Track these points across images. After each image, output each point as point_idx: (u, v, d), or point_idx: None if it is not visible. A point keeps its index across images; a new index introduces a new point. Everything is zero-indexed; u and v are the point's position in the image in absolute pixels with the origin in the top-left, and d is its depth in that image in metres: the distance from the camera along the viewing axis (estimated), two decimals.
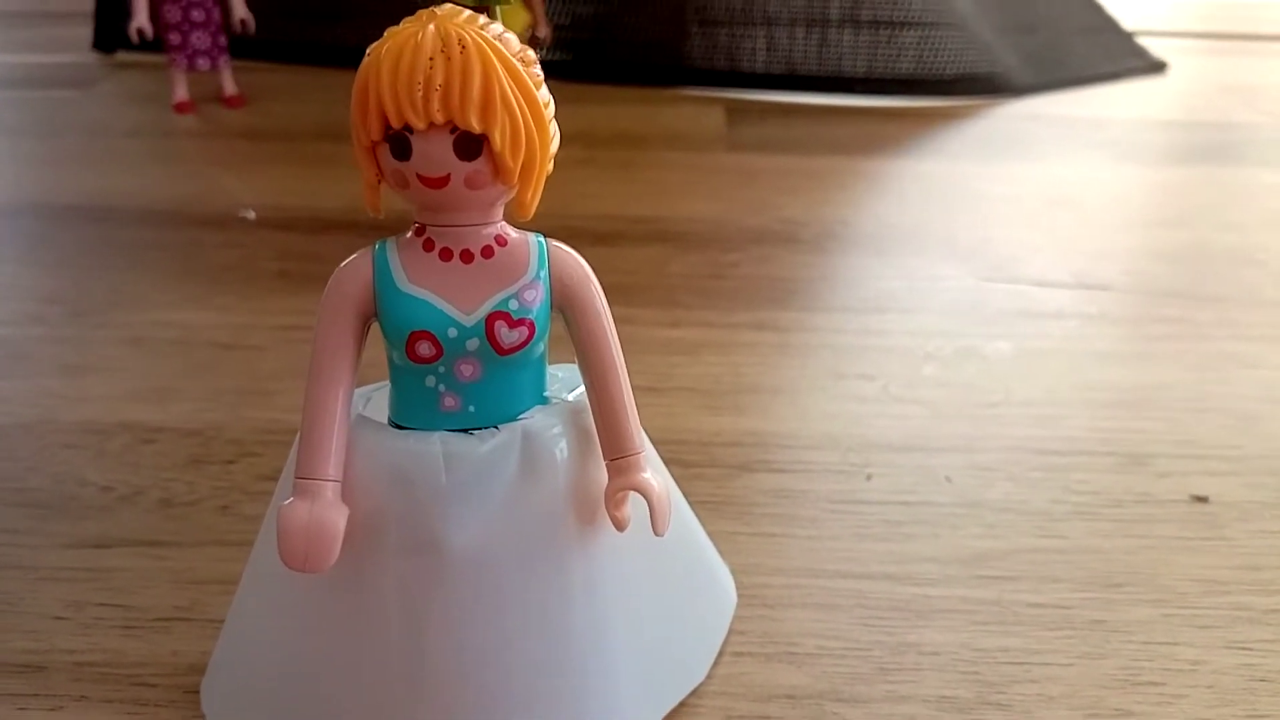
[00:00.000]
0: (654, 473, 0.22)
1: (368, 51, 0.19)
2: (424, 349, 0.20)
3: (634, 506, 0.22)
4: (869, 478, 0.34)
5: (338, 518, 0.20)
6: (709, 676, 0.26)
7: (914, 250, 0.51)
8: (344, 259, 0.50)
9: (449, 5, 0.20)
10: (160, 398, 0.37)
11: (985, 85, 0.73)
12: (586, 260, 0.22)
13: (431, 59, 0.19)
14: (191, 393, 0.38)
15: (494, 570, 0.21)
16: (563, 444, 0.22)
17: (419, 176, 0.19)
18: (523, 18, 0.66)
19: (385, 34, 0.19)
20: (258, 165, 0.60)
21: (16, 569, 0.29)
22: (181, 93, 0.69)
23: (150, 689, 0.25)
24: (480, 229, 0.21)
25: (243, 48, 0.73)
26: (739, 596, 0.28)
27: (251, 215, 0.53)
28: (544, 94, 0.20)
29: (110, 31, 0.84)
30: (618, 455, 0.22)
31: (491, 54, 0.19)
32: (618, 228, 0.52)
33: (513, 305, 0.21)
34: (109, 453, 0.34)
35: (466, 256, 0.20)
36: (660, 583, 0.24)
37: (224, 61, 0.69)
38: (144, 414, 0.36)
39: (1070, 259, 0.50)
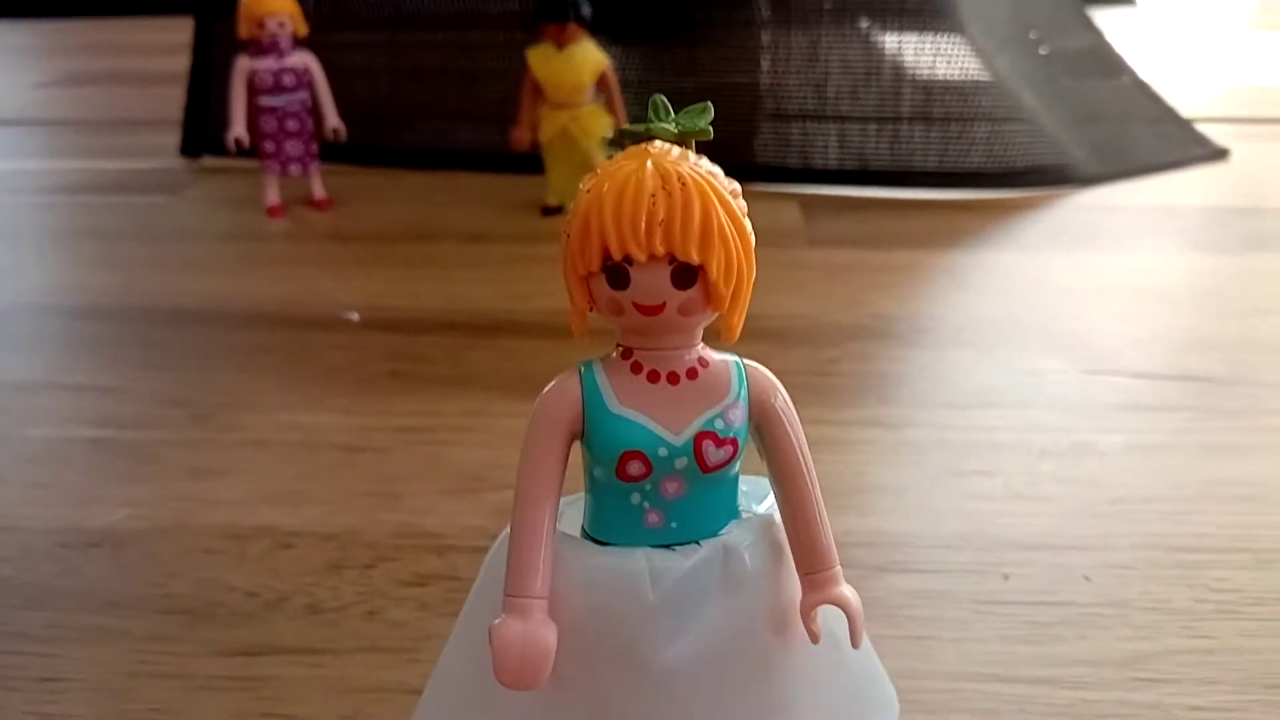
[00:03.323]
0: (848, 586, 0.22)
1: (585, 189, 0.20)
2: (634, 468, 0.21)
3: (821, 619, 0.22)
4: (1006, 577, 0.34)
5: (550, 635, 0.20)
6: None
7: (1010, 343, 0.51)
8: (451, 359, 0.51)
9: (659, 142, 0.20)
10: (292, 501, 0.38)
11: (1055, 176, 0.74)
12: None
13: (653, 195, 0.19)
14: (322, 496, 0.38)
15: (698, 686, 0.22)
16: (760, 558, 0.22)
17: (635, 305, 0.20)
18: (605, 121, 0.68)
19: (601, 171, 0.20)
20: (352, 267, 0.62)
21: (173, 678, 0.30)
22: (273, 197, 0.71)
23: None
24: (685, 352, 0.21)
25: (322, 151, 0.76)
26: (899, 703, 0.28)
27: (355, 317, 0.54)
28: (748, 223, 0.21)
29: (197, 137, 0.87)
30: (813, 570, 0.22)
31: (709, 190, 0.20)
32: (716, 326, 0.52)
33: (718, 425, 0.21)
34: (250, 557, 0.35)
35: (673, 378, 0.21)
36: (844, 693, 0.24)
37: (314, 167, 0.72)
38: (279, 518, 0.37)
39: (1168, 350, 0.50)
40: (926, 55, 0.74)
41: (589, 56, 0.67)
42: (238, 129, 0.69)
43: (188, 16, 0.90)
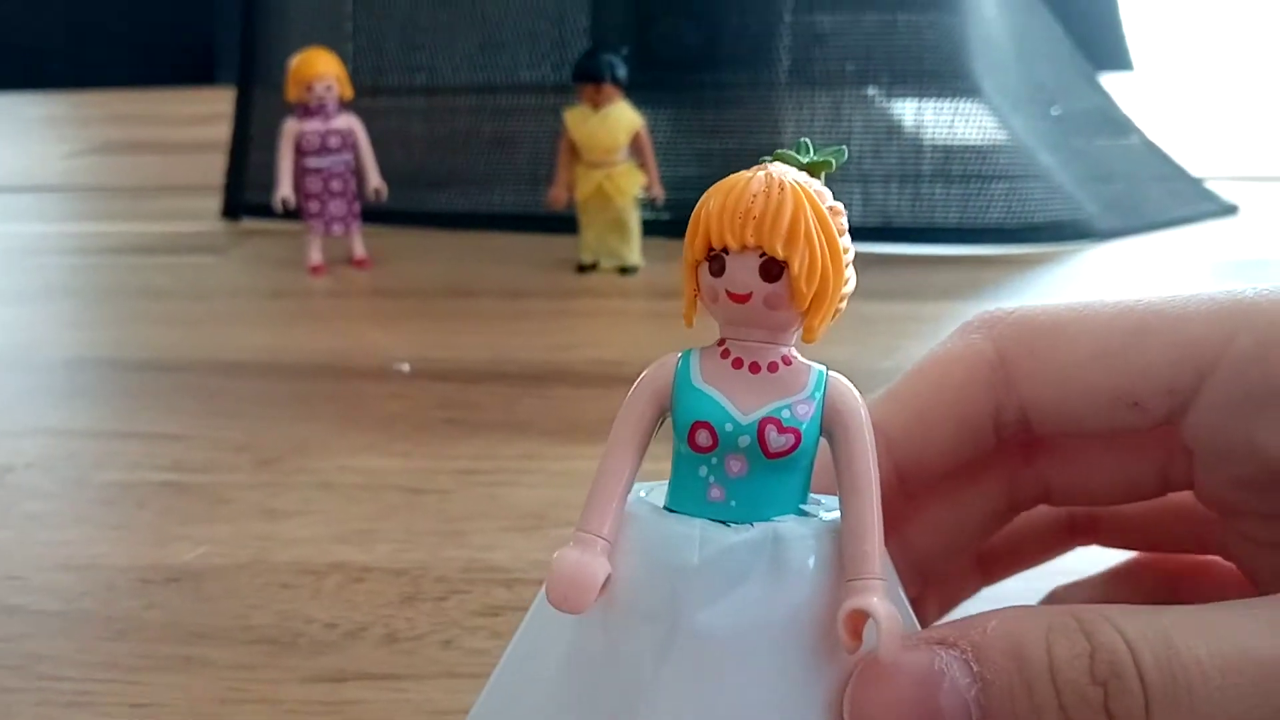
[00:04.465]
0: (889, 601, 0.23)
1: (707, 193, 0.23)
2: (702, 438, 0.23)
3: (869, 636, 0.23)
4: None
5: (601, 568, 0.23)
6: None
7: None
8: (503, 407, 0.53)
9: (780, 164, 0.23)
10: (362, 539, 0.40)
11: (1071, 231, 0.76)
12: None
13: (754, 196, 0.22)
14: (390, 534, 0.40)
15: (727, 653, 0.23)
16: (811, 554, 0.23)
17: (727, 292, 0.23)
18: (639, 178, 0.71)
19: (723, 180, 0.23)
20: (398, 322, 0.64)
21: (262, 703, 0.31)
22: (316, 256, 0.74)
23: None
24: (771, 347, 0.23)
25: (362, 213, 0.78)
26: None
27: (407, 368, 0.56)
28: (845, 240, 0.23)
29: (236, 201, 0.90)
30: (855, 577, 0.23)
31: (804, 197, 0.22)
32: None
33: (785, 414, 0.23)
34: (325, 591, 0.36)
35: (754, 368, 0.23)
36: None
37: (356, 227, 0.75)
38: (351, 555, 0.39)
39: None
40: (945, 116, 0.77)
41: (623, 117, 0.69)
42: (285, 189, 0.71)
43: (208, 88, 0.94)
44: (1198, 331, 0.24)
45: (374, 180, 0.74)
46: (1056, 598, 0.32)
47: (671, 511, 0.24)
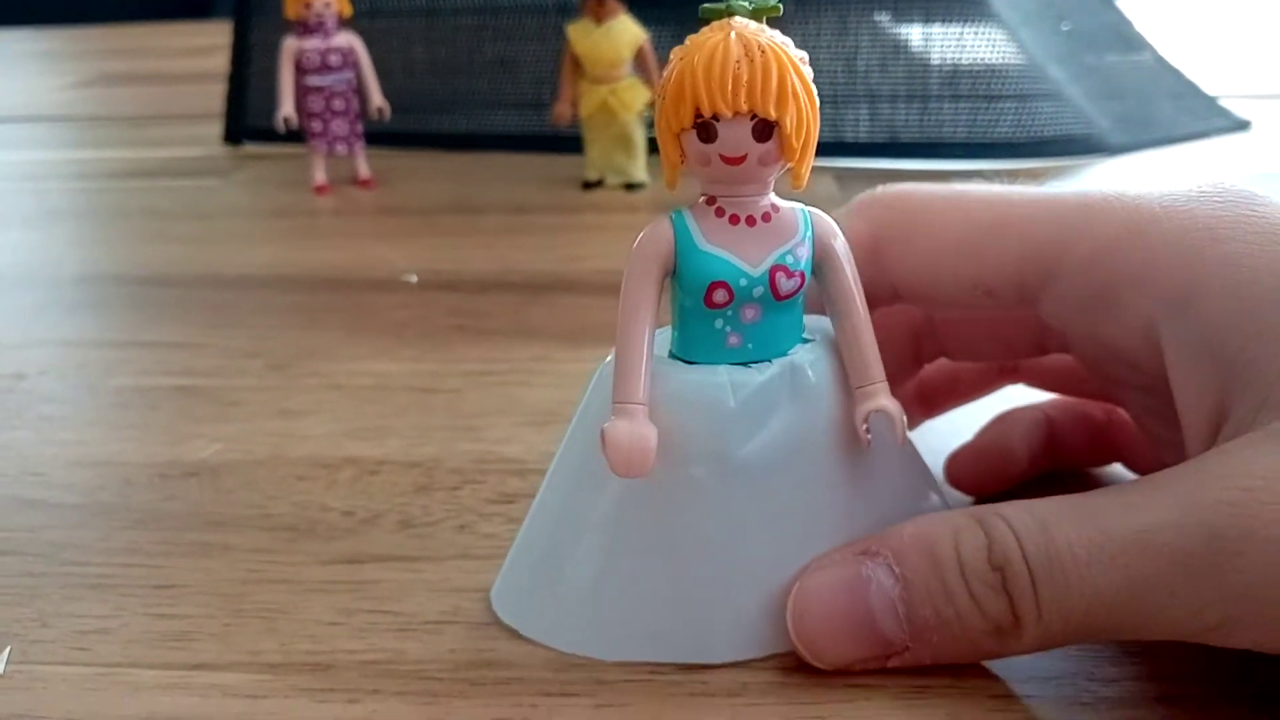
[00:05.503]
0: (891, 397, 0.27)
1: (677, 57, 0.24)
2: (719, 296, 0.25)
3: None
4: None
5: (651, 431, 0.25)
6: None
7: None
8: (511, 314, 0.53)
9: (739, 18, 0.24)
10: (375, 435, 0.40)
11: (1081, 145, 0.75)
12: None
13: (738, 61, 0.23)
14: (402, 431, 0.40)
15: (770, 478, 0.26)
16: (823, 375, 0.26)
17: (721, 156, 0.24)
18: (643, 94, 0.70)
19: (688, 42, 0.24)
20: (403, 238, 0.64)
21: (282, 583, 0.32)
22: (320, 176, 0.73)
23: (438, 682, 0.27)
24: (760, 199, 0.25)
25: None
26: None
27: (414, 279, 0.56)
28: (814, 87, 0.25)
29: (237, 125, 0.89)
30: (862, 384, 0.26)
31: (784, 56, 0.24)
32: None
33: (789, 260, 0.25)
34: (340, 483, 0.37)
35: (750, 221, 0.25)
36: (897, 488, 0.28)
37: (359, 147, 0.74)
38: (363, 450, 0.39)
39: None
40: (953, 30, 0.76)
41: (627, 30, 0.69)
42: (286, 108, 0.71)
43: (205, 21, 0.92)
44: (1044, 234, 0.27)
45: (376, 99, 0.73)
46: (1002, 420, 0.35)
47: (690, 363, 0.26)
